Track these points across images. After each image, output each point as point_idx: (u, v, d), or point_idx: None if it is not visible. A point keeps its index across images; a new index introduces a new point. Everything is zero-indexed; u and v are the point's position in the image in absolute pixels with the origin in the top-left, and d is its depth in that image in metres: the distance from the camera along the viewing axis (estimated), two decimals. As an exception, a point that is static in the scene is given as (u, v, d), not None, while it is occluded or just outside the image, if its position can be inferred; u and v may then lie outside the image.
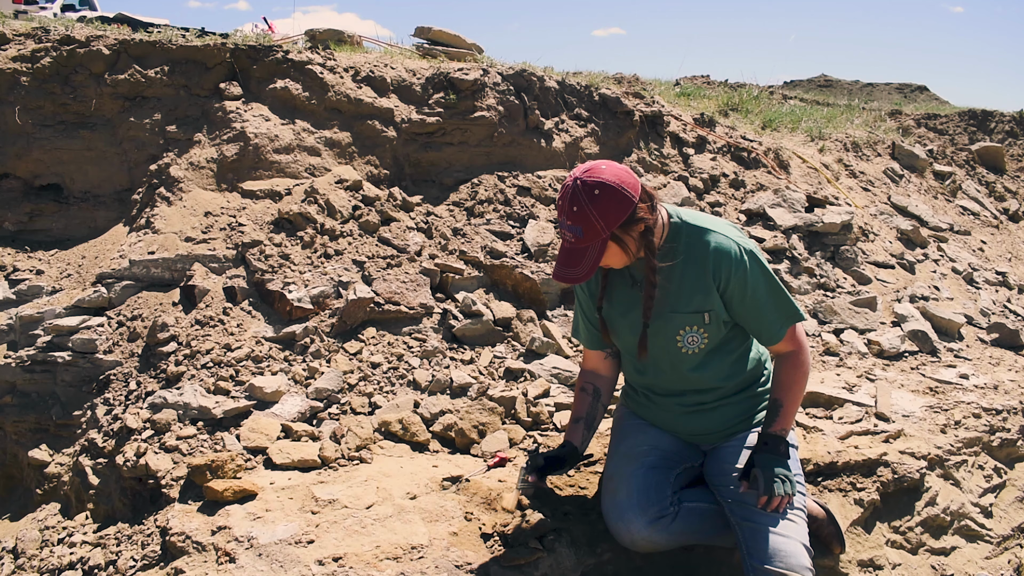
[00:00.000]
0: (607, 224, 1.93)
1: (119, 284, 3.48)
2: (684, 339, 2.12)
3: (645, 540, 2.12)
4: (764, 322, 2.11)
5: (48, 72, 4.01)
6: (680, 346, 2.13)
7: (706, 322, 2.10)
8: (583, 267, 1.97)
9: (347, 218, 3.93)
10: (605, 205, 1.91)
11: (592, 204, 1.91)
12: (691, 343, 2.13)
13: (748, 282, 2.05)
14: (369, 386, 3.20)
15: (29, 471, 3.24)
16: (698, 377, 2.19)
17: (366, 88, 4.49)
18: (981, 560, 2.88)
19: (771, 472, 2.06)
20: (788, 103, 9.06)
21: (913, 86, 22.80)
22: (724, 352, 2.18)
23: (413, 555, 2.16)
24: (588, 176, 1.93)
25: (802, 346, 2.16)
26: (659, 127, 5.51)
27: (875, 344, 4.21)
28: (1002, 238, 6.72)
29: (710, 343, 2.14)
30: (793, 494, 2.07)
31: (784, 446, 2.11)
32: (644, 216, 1.98)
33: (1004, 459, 3.33)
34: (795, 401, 2.15)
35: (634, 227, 1.98)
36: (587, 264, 1.96)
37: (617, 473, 2.25)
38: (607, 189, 1.92)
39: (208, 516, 2.35)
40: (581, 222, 1.93)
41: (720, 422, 2.25)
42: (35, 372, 3.27)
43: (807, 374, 2.17)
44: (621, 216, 1.94)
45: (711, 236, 2.07)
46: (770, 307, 2.09)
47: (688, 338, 2.12)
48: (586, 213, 1.91)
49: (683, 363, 2.17)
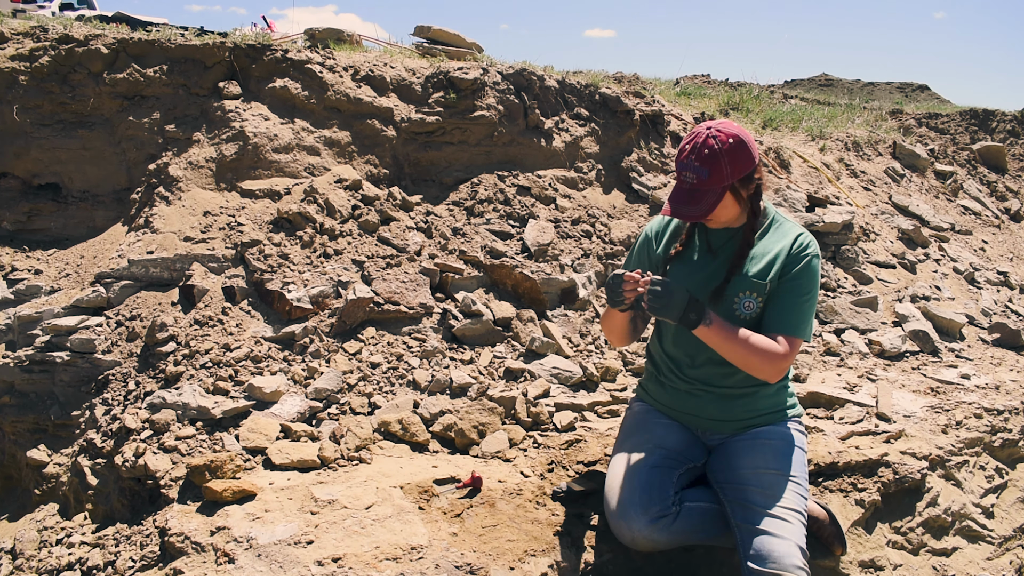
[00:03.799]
0: (732, 172, 2.05)
1: (118, 284, 3.47)
2: (741, 303, 2.18)
3: (646, 539, 2.12)
4: (782, 313, 2.15)
5: (46, 71, 4.00)
6: (735, 309, 2.18)
7: (766, 290, 2.17)
8: (703, 206, 2.06)
9: (346, 218, 3.92)
10: (736, 154, 2.04)
11: (726, 152, 2.03)
12: (747, 308, 2.18)
13: (802, 277, 2.15)
14: (369, 386, 3.19)
15: (27, 471, 3.23)
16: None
17: (365, 87, 4.48)
18: (982, 561, 2.87)
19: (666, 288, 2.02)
20: (789, 102, 9.05)
21: (914, 85, 22.78)
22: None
23: (413, 555, 2.15)
24: (723, 127, 2.06)
25: (787, 355, 2.13)
26: (659, 126, 5.50)
27: (876, 344, 4.20)
28: (1004, 238, 6.71)
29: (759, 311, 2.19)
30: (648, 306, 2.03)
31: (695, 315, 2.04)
32: (760, 177, 2.15)
33: (1005, 459, 3.32)
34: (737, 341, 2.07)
35: (750, 185, 2.12)
36: (707, 205, 2.06)
37: (620, 471, 2.25)
38: (740, 141, 2.05)
39: (207, 516, 2.34)
40: (710, 164, 2.03)
41: (744, 410, 2.27)
42: (33, 372, 3.27)
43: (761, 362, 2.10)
44: (745, 169, 2.07)
45: (796, 228, 2.23)
46: (792, 308, 2.15)
47: (745, 302, 2.18)
48: (717, 157, 2.03)
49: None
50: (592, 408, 3.27)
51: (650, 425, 2.37)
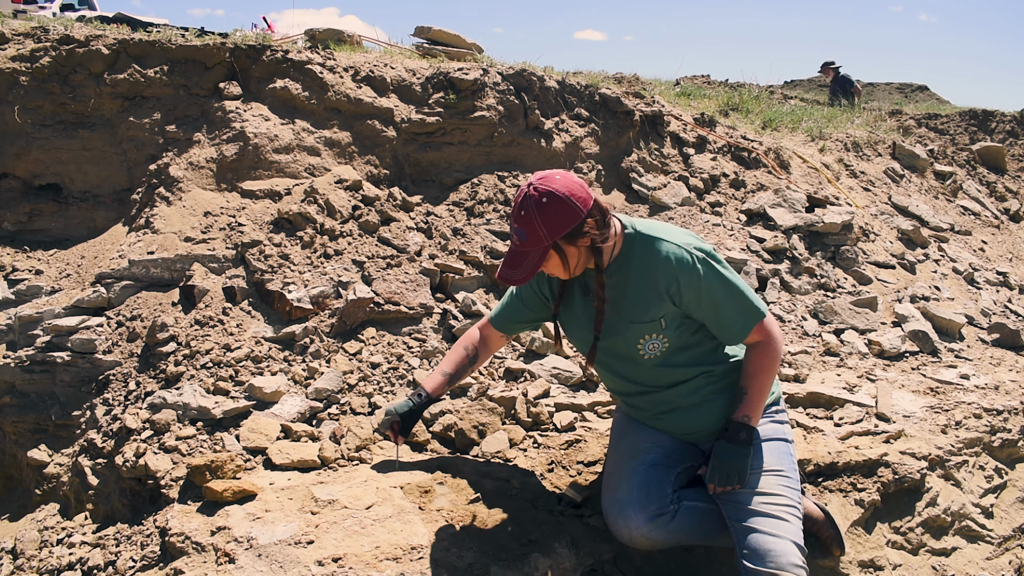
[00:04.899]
0: (549, 233, 1.97)
1: (118, 284, 3.47)
2: (645, 346, 2.14)
3: (644, 537, 2.12)
4: (724, 323, 2.12)
5: (47, 72, 4.00)
6: (642, 352, 2.15)
7: (663, 327, 2.11)
8: (523, 270, 2.02)
9: (347, 218, 3.93)
10: (550, 214, 1.95)
11: (538, 212, 1.95)
12: (652, 349, 2.15)
13: (702, 287, 2.06)
14: (369, 386, 3.19)
15: (28, 471, 3.24)
16: (666, 376, 2.20)
17: (366, 88, 4.49)
18: (982, 561, 2.87)
19: (722, 463, 2.11)
20: (788, 103, 9.06)
21: (914, 86, 22.78)
22: (689, 350, 2.19)
23: (413, 555, 2.15)
24: (540, 184, 1.97)
25: (771, 336, 2.14)
26: (659, 127, 5.51)
27: (876, 344, 4.21)
28: (1003, 238, 6.72)
29: (672, 345, 2.15)
30: (743, 485, 2.11)
31: (746, 434, 2.11)
32: (591, 231, 2.00)
33: (1005, 460, 3.32)
34: (760, 388, 2.14)
35: (580, 240, 2.00)
36: (527, 268, 2.01)
37: (617, 470, 2.25)
38: (554, 199, 1.95)
39: (207, 516, 2.34)
40: (526, 227, 1.97)
41: (710, 418, 2.24)
42: (34, 372, 3.27)
43: (775, 362, 2.15)
44: (565, 227, 1.97)
45: (662, 245, 2.08)
46: (729, 308, 2.09)
47: (649, 345, 2.14)
48: (531, 219, 1.96)
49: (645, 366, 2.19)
50: (592, 408, 3.28)
51: (644, 424, 2.37)
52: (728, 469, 2.11)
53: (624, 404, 2.41)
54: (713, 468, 2.13)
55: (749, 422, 2.13)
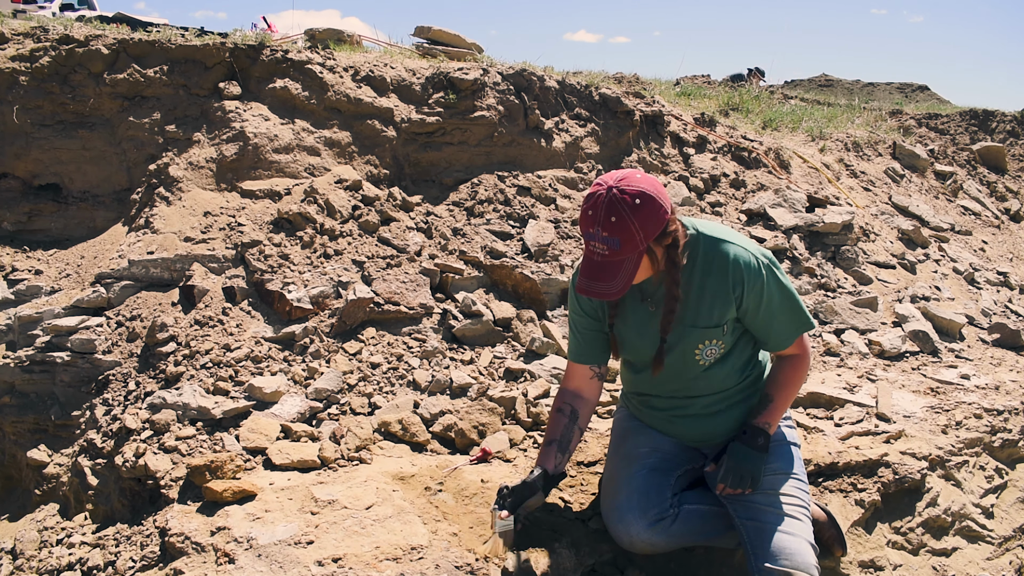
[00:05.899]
0: (646, 235, 1.84)
1: (118, 284, 3.47)
2: (703, 352, 2.09)
3: (644, 542, 2.12)
4: (775, 331, 2.11)
5: (47, 71, 4.00)
6: (698, 359, 2.11)
7: (724, 333, 2.08)
8: (619, 281, 1.87)
9: (347, 218, 3.92)
10: (646, 216, 1.82)
11: (634, 215, 1.81)
12: (709, 355, 2.11)
13: (765, 293, 2.03)
14: (369, 386, 3.19)
15: (28, 471, 3.23)
16: (706, 383, 2.18)
17: (366, 88, 4.48)
18: (982, 561, 2.87)
19: (737, 464, 2.09)
20: (789, 103, 9.06)
21: (914, 86, 22.78)
22: (732, 356, 2.17)
23: (413, 555, 2.15)
24: (626, 185, 1.82)
25: (806, 351, 2.17)
26: (659, 127, 5.51)
27: (876, 344, 4.20)
28: (1003, 238, 6.71)
29: (726, 350, 2.13)
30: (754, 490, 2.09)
31: (763, 440, 2.11)
32: (674, 228, 1.92)
33: (1005, 460, 3.32)
34: (786, 400, 2.15)
35: (664, 239, 1.91)
36: (623, 278, 1.87)
37: (617, 475, 2.24)
38: (647, 199, 1.82)
39: (207, 517, 2.34)
40: (620, 233, 1.81)
41: (725, 426, 2.24)
42: (34, 372, 3.27)
43: (804, 379, 2.19)
44: (658, 228, 1.86)
45: (729, 247, 2.02)
46: (783, 317, 2.09)
47: (707, 351, 2.09)
48: (626, 223, 1.81)
49: (693, 372, 2.16)
50: (592, 408, 3.27)
51: (644, 428, 2.36)
52: (743, 472, 2.08)
53: (640, 405, 2.36)
54: (728, 470, 2.10)
55: (768, 429, 2.12)
